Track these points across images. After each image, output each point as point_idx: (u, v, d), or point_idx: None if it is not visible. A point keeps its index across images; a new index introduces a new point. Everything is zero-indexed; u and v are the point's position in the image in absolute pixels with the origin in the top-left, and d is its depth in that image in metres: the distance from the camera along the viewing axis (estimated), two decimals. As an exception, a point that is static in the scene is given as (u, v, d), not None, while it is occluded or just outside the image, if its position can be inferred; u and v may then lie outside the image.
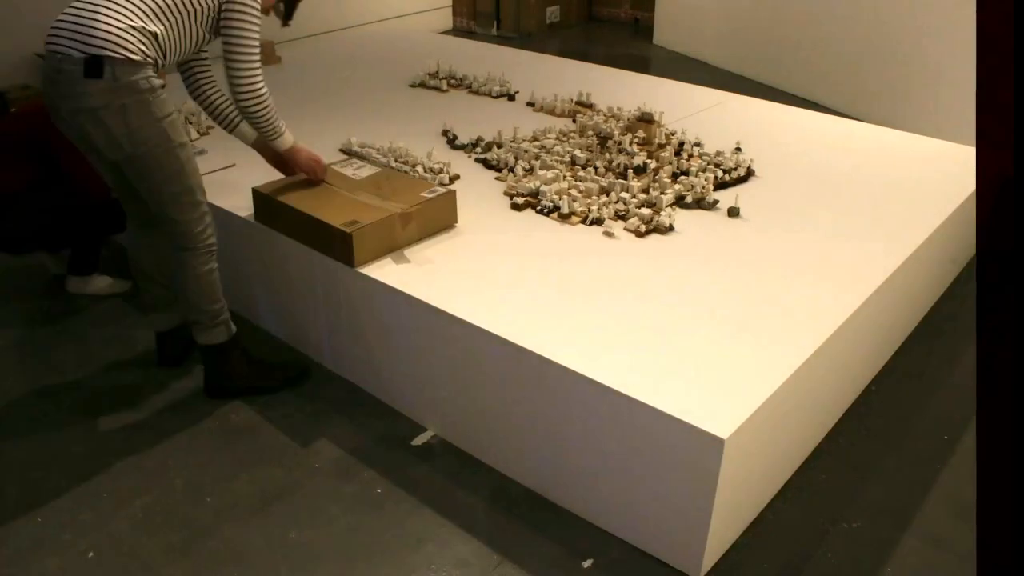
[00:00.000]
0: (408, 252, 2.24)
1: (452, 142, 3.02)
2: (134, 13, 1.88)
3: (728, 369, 1.77)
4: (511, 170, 2.74)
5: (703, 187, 2.56)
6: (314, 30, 5.42)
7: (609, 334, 1.89)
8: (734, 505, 1.76)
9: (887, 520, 1.91)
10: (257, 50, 2.07)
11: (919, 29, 4.11)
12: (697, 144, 2.94)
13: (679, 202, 2.53)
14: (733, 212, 2.46)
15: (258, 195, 2.37)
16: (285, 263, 2.38)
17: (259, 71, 2.08)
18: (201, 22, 2.01)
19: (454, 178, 2.70)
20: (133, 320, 2.69)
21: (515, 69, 4.00)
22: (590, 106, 3.37)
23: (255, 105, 2.09)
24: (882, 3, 4.31)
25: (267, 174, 2.82)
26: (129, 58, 1.85)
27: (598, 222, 2.40)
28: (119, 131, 1.89)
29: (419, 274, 2.13)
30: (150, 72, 1.91)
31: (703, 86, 3.80)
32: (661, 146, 2.90)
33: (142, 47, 1.88)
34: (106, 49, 1.83)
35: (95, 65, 1.83)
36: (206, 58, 2.24)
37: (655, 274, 2.15)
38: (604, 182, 2.60)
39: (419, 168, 2.70)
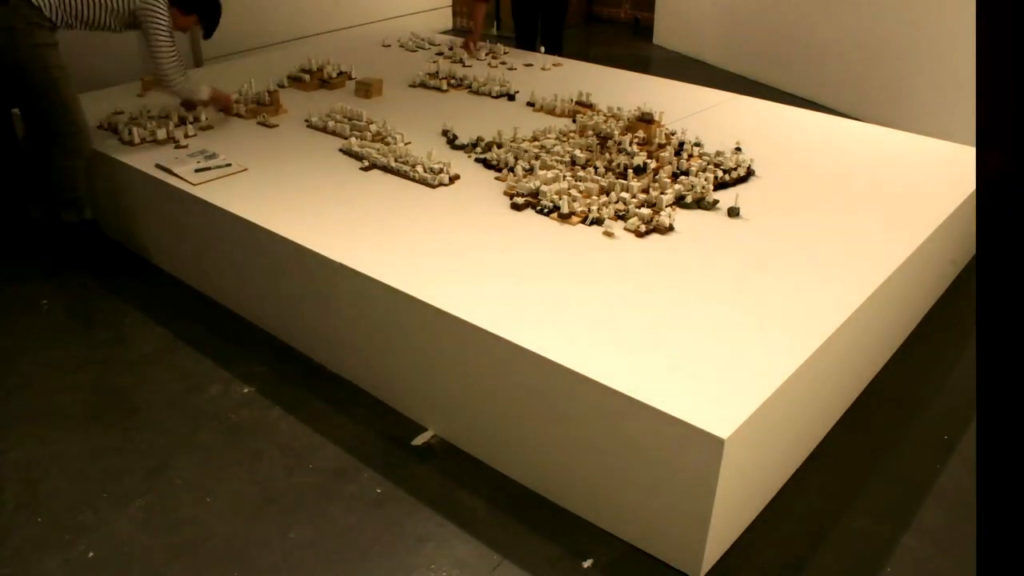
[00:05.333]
0: (408, 252, 2.25)
1: (452, 142, 3.02)
2: None
3: (728, 369, 1.77)
4: (511, 170, 2.74)
5: (703, 187, 2.56)
6: (314, 30, 5.42)
7: (609, 334, 1.89)
8: (734, 505, 1.76)
9: (887, 520, 1.91)
10: (167, 47, 2.87)
11: (919, 29, 4.11)
12: (697, 144, 2.94)
13: (679, 202, 2.54)
14: (733, 212, 2.46)
15: None
16: (285, 263, 2.38)
17: (169, 61, 2.89)
18: (111, 14, 2.79)
19: (454, 178, 2.70)
20: (133, 320, 2.69)
21: (515, 69, 4.00)
22: (590, 106, 3.37)
23: (168, 84, 2.98)
24: (882, 3, 4.31)
25: (278, 177, 2.83)
26: (31, 2, 2.63)
27: (598, 222, 2.40)
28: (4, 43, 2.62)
29: (419, 274, 2.13)
30: (44, 21, 2.66)
31: (703, 86, 3.80)
32: (661, 146, 2.90)
33: (47, 2, 2.66)
34: None
35: None
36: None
37: (655, 274, 2.15)
38: (604, 182, 2.60)
39: (419, 168, 2.70)
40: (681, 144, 2.91)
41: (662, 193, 2.52)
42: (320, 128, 3.16)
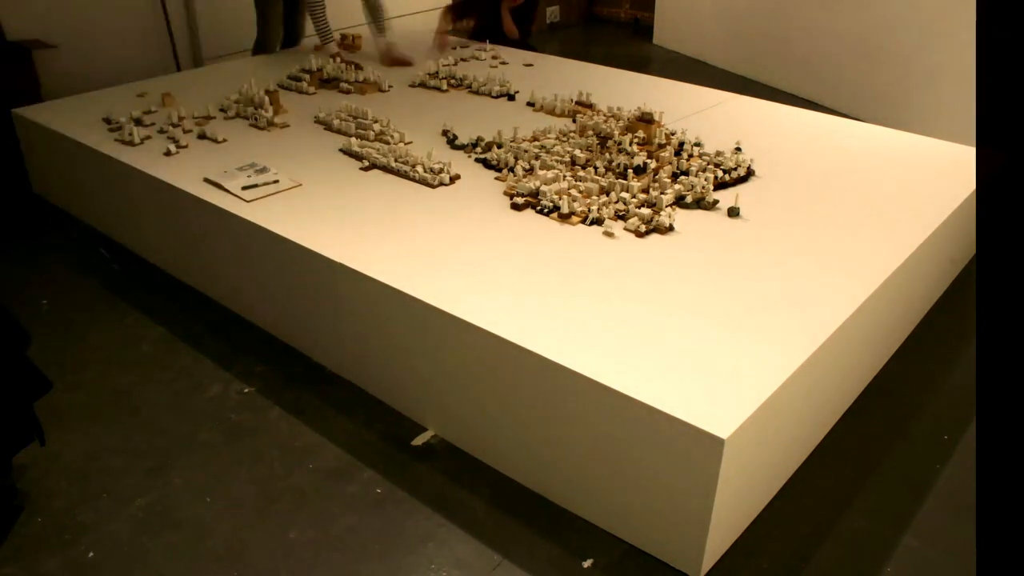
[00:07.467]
0: (407, 252, 2.25)
1: (452, 142, 3.02)
2: None
3: (728, 369, 1.77)
4: (511, 170, 2.74)
5: (703, 187, 2.57)
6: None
7: (609, 334, 1.89)
8: (734, 505, 1.76)
9: (887, 520, 1.91)
10: None
11: (919, 29, 4.11)
12: (697, 144, 2.94)
13: (679, 202, 2.54)
14: (733, 212, 2.46)
15: None
16: (285, 263, 2.39)
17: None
18: None
19: (454, 178, 2.71)
20: (133, 320, 2.69)
21: (515, 69, 4.00)
22: (590, 106, 3.37)
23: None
24: (882, 3, 4.31)
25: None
26: None
27: (598, 222, 2.40)
28: None
29: (419, 274, 2.13)
30: None
31: (703, 86, 3.80)
32: (661, 146, 2.90)
33: None
34: None
35: None
36: None
37: (655, 274, 2.15)
38: (604, 182, 2.60)
39: (419, 168, 2.70)
40: (681, 144, 2.91)
41: (662, 193, 2.53)
42: (327, 125, 3.17)
